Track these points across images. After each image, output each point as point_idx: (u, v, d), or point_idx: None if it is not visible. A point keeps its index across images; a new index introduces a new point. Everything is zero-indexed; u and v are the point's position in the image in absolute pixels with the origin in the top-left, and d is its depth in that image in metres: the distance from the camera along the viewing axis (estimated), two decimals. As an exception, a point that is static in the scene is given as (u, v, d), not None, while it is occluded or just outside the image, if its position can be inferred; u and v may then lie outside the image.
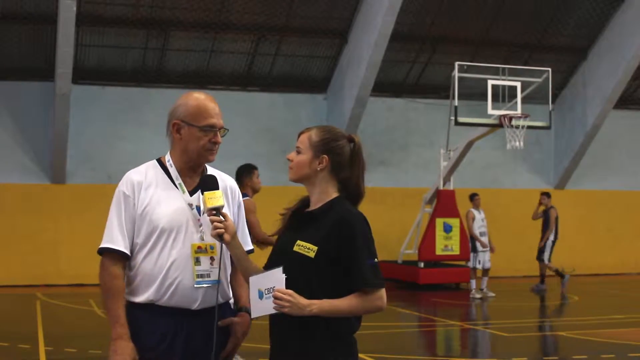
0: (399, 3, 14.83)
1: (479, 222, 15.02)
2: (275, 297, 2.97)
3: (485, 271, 14.89)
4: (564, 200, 19.63)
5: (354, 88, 16.47)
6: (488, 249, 14.89)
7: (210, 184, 3.24)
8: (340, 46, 17.40)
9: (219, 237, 3.15)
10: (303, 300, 2.97)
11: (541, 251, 16.04)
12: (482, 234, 15.01)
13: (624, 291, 16.40)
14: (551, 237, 15.98)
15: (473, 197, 15.23)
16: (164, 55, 16.87)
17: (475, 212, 15.13)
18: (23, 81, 16.34)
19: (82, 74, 16.39)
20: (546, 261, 15.95)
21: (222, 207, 3.20)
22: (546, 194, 16.25)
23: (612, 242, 19.71)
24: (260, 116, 17.65)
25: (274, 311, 3.00)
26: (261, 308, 3.05)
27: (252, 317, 3.16)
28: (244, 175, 7.76)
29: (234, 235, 3.20)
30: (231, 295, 3.48)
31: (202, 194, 3.22)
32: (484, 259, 14.85)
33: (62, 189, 16.30)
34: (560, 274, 15.74)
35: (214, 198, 3.19)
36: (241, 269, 3.28)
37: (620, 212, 19.83)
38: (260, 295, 3.05)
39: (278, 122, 17.53)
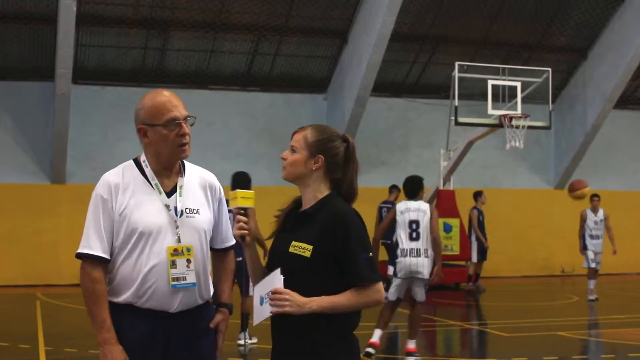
0: (399, 3, 14.83)
1: (591, 224, 14.46)
2: (273, 298, 2.97)
3: (591, 272, 14.35)
4: (564, 200, 19.59)
5: (354, 88, 16.46)
6: (595, 250, 14.31)
7: (244, 183, 3.23)
8: (340, 46, 17.40)
9: (241, 237, 3.15)
10: (301, 298, 2.97)
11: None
12: (592, 236, 14.40)
13: (624, 291, 16.40)
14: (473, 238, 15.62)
15: (592, 199, 14.63)
16: (164, 55, 16.87)
17: (589, 212, 14.73)
18: (23, 81, 16.34)
19: (82, 74, 16.39)
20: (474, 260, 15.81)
21: (251, 208, 3.18)
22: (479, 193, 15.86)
23: (612, 242, 19.67)
24: (260, 116, 17.65)
25: (271, 314, 3.00)
26: (261, 313, 3.05)
27: (254, 323, 3.16)
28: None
29: (253, 238, 3.20)
30: (212, 292, 3.45)
31: (234, 190, 3.20)
32: (593, 259, 14.30)
33: (62, 189, 16.29)
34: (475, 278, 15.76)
35: (247, 198, 3.17)
36: (251, 271, 3.25)
37: (620, 212, 19.81)
38: (261, 301, 3.05)
39: (278, 122, 17.52)
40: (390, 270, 11.83)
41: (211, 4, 16.00)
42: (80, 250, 3.25)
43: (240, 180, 3.28)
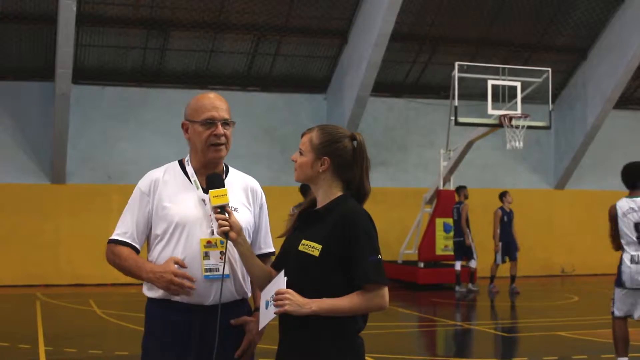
0: (399, 3, 14.83)
1: None
2: (275, 299, 2.99)
3: None
4: (564, 200, 19.64)
5: (354, 88, 16.47)
6: None
7: (216, 182, 3.29)
8: (340, 46, 17.40)
9: (224, 234, 3.20)
10: (301, 298, 2.98)
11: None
12: None
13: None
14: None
15: None
16: (164, 55, 16.87)
17: None
18: (23, 81, 16.34)
19: (82, 74, 16.39)
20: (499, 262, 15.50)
21: (227, 204, 3.26)
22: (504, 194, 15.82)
23: (612, 242, 19.68)
24: (260, 116, 17.64)
25: (274, 315, 3.01)
26: (266, 316, 3.08)
27: (259, 327, 3.17)
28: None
29: (239, 233, 3.22)
30: (249, 293, 3.51)
31: (207, 192, 3.29)
32: None
33: (62, 189, 16.29)
34: (491, 279, 15.49)
35: (219, 196, 3.25)
36: (247, 267, 3.31)
37: (620, 212, 19.81)
38: (267, 305, 3.08)
39: (278, 122, 17.52)
40: (457, 265, 11.25)
41: (211, 4, 16.00)
42: (110, 237, 3.46)
43: (211, 181, 3.35)
